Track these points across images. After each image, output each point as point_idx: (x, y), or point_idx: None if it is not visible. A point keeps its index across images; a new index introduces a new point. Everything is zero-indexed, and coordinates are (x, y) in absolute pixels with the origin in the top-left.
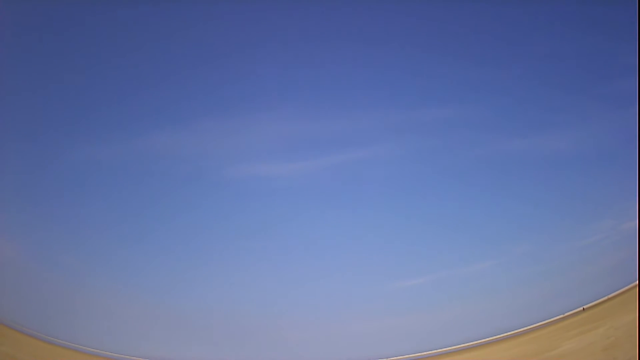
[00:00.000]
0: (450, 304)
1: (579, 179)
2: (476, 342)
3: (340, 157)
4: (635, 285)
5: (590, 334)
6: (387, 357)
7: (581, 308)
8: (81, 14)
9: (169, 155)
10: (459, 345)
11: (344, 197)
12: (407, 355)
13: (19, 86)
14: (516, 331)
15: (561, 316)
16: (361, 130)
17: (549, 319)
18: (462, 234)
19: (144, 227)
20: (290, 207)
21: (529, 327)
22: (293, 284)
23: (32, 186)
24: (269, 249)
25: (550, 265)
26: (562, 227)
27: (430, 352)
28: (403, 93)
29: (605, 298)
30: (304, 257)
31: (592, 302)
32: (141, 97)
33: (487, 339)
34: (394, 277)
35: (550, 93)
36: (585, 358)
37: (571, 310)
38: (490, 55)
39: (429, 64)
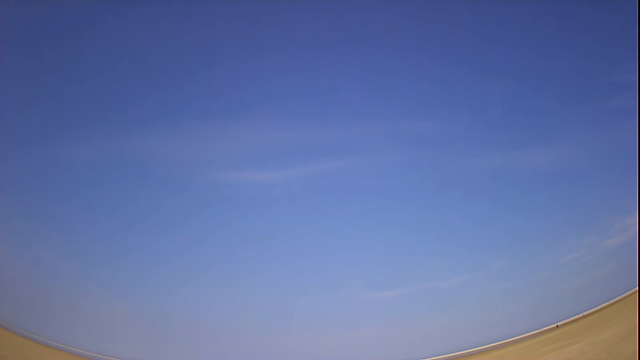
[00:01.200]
0: (429, 315)
1: (562, 195)
2: (452, 354)
3: (330, 166)
4: (610, 304)
5: (567, 350)
6: None
7: (555, 325)
8: (72, 21)
9: (158, 163)
10: (436, 357)
11: (331, 206)
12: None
13: (11, 93)
14: (492, 345)
15: (538, 331)
16: (351, 139)
17: (526, 333)
18: (445, 245)
19: (134, 235)
20: (280, 216)
21: (505, 341)
22: (281, 292)
23: (25, 193)
24: (258, 257)
25: (529, 280)
26: (543, 242)
27: None
28: (396, 103)
29: (583, 314)
30: (292, 266)
31: (570, 317)
32: (129, 104)
33: (463, 352)
34: (375, 288)
35: (540, 107)
36: None
37: (549, 325)
38: (482, 67)
39: (422, 75)
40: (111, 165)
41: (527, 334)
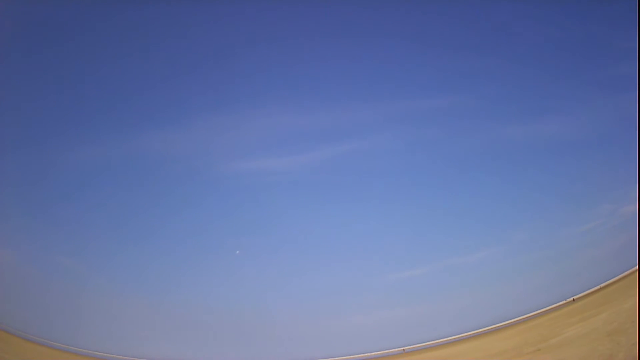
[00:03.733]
0: (450, 293)
1: (577, 164)
2: (476, 331)
3: (337, 149)
4: (635, 270)
5: (593, 320)
6: (387, 349)
7: (571, 299)
8: (70, 18)
9: (162, 156)
10: (459, 335)
11: (343, 190)
12: (406, 347)
13: (11, 92)
14: (517, 319)
15: (562, 303)
16: (358, 122)
17: (550, 305)
18: (462, 222)
19: (141, 228)
20: (289, 201)
21: (530, 314)
22: (295, 278)
23: (27, 191)
24: (269, 244)
25: (550, 251)
26: (561, 213)
27: (429, 342)
28: (399, 83)
29: (607, 283)
30: (305, 251)
31: (594, 287)
32: (132, 98)
33: (488, 328)
34: (393, 269)
35: (548, 78)
36: (589, 344)
37: (573, 297)
38: (486, 42)
39: (424, 54)
40: (122, 163)
41: (552, 306)
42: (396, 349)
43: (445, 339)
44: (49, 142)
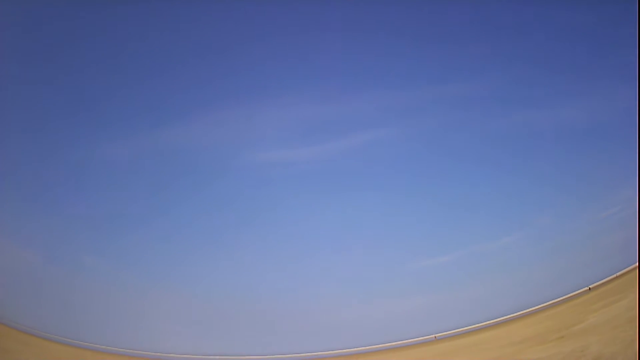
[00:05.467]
0: (473, 281)
1: (598, 150)
2: (499, 319)
3: (356, 139)
4: None
5: (615, 307)
6: (410, 339)
7: (587, 288)
8: (82, 7)
9: (181, 148)
10: (482, 323)
11: (362, 179)
12: (427, 336)
13: (22, 87)
14: (540, 306)
15: (584, 289)
16: (375, 111)
17: (572, 292)
18: (483, 209)
19: (160, 222)
20: (308, 192)
21: (552, 301)
22: (315, 267)
23: (43, 187)
24: (289, 234)
25: (571, 237)
26: (583, 199)
27: (451, 331)
28: (414, 72)
29: (627, 269)
30: (326, 241)
31: (614, 273)
32: (149, 89)
33: (511, 316)
34: (416, 257)
35: (567, 62)
36: (611, 331)
37: (594, 283)
38: (500, 27)
39: (439, 40)
40: (143, 159)
41: (574, 293)
42: (428, 336)
43: (468, 327)
44: (70, 142)
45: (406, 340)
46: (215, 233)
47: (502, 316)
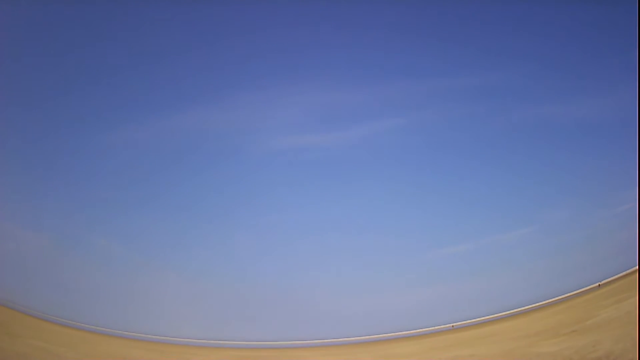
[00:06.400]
0: (486, 272)
1: (615, 144)
2: (511, 311)
3: (376, 126)
4: None
5: (626, 303)
6: (423, 328)
7: (597, 284)
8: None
9: (202, 133)
10: (494, 315)
11: (373, 169)
12: (442, 326)
13: (47, 72)
14: (552, 300)
15: (597, 284)
16: (395, 99)
17: (585, 287)
18: (500, 201)
19: (178, 206)
20: (329, 178)
21: (564, 295)
22: (331, 255)
23: (83, 181)
24: (309, 220)
25: (588, 232)
26: (598, 194)
27: (463, 322)
28: (434, 61)
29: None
30: (344, 228)
31: (627, 269)
32: (169, 75)
33: (522, 309)
34: (433, 245)
35: (581, 57)
36: (622, 327)
37: (607, 278)
38: (517, 20)
39: (458, 31)
40: (160, 142)
41: (586, 288)
42: (445, 325)
43: (480, 319)
44: (102, 130)
45: (425, 329)
46: (226, 216)
47: (513, 309)
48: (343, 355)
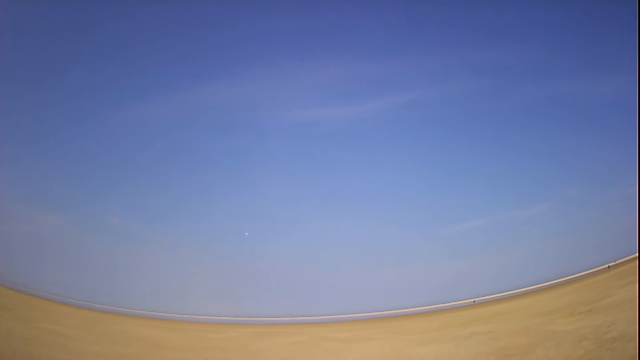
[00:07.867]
0: (502, 249)
1: (631, 125)
2: (526, 288)
3: (391, 100)
4: None
5: None
6: (438, 304)
7: (607, 265)
8: None
9: (221, 106)
10: (509, 292)
11: (397, 140)
12: (455, 302)
13: (72, 54)
14: (567, 278)
15: (607, 265)
16: (410, 73)
17: (601, 266)
18: (515, 177)
19: (198, 181)
20: (343, 152)
21: (580, 274)
22: (346, 228)
23: (76, 155)
24: (324, 193)
25: (603, 211)
26: (613, 173)
27: (479, 298)
28: (452, 35)
29: None
30: (359, 201)
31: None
32: (186, 50)
33: (538, 286)
34: (448, 221)
35: (605, 33)
36: (636, 309)
37: (623, 258)
38: None
39: (478, 3)
40: (173, 116)
41: (601, 267)
42: (467, 300)
43: (496, 295)
44: (126, 104)
45: (447, 304)
46: (248, 187)
47: (529, 286)
48: (359, 330)
